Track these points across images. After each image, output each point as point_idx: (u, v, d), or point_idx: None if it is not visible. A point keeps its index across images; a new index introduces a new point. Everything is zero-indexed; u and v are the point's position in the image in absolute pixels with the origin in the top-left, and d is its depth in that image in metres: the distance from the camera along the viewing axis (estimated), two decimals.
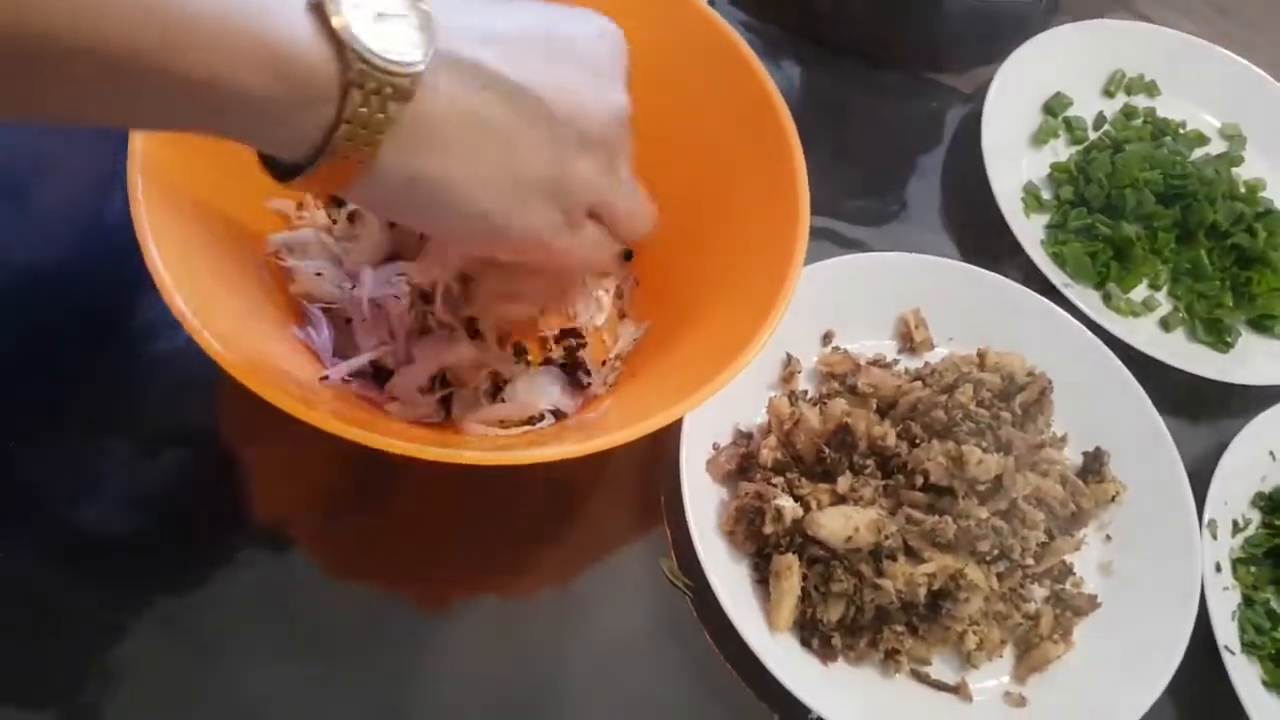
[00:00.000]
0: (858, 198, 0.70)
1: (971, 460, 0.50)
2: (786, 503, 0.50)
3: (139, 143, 0.42)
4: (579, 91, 0.38)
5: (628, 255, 0.45)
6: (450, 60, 0.34)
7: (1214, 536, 0.58)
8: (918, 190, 0.72)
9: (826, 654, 0.50)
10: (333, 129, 0.33)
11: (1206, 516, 0.58)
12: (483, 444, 0.48)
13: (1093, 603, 0.54)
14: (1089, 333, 0.62)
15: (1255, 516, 0.62)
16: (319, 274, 0.49)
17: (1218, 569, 0.58)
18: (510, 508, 0.52)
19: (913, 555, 0.50)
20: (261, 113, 0.32)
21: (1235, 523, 0.60)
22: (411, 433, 0.48)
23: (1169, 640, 0.53)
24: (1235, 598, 0.58)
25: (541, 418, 0.50)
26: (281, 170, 0.36)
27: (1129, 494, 0.58)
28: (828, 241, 0.65)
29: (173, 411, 0.51)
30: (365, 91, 0.32)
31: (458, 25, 0.35)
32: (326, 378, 0.47)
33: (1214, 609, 0.55)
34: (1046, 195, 0.72)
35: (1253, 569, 0.60)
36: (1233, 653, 0.55)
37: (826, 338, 0.61)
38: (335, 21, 0.32)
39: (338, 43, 0.32)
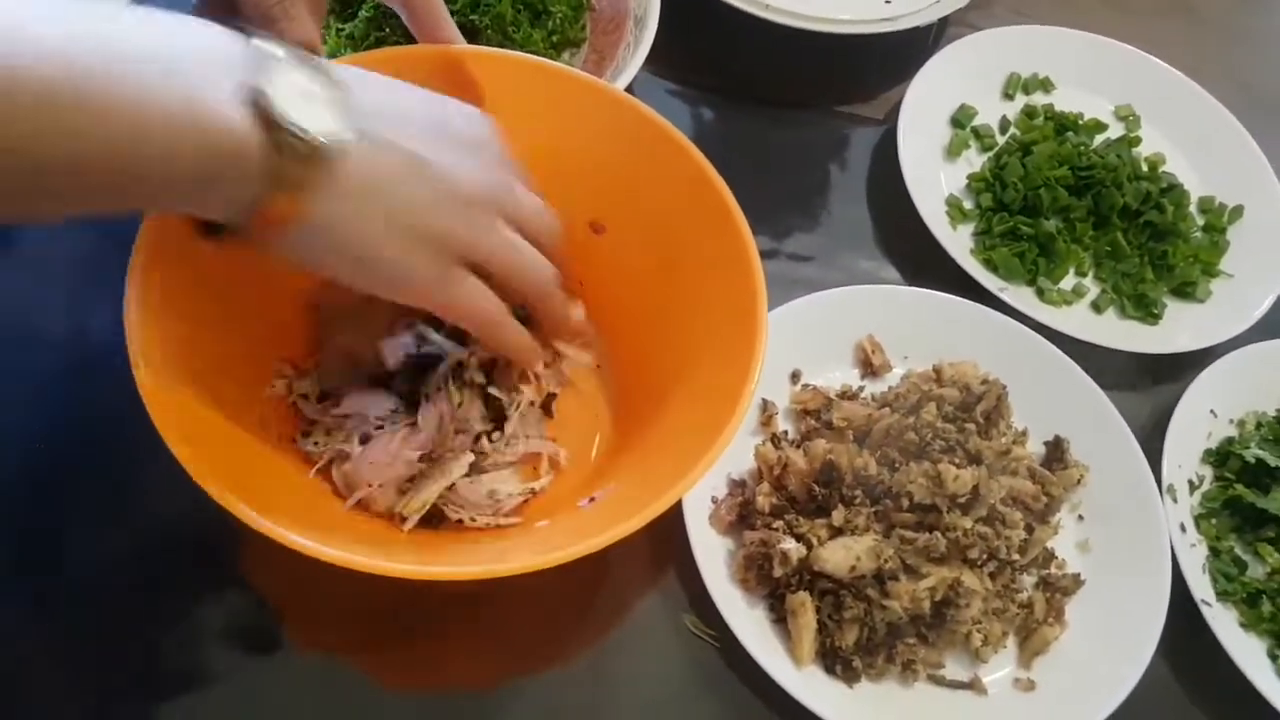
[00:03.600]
0: (795, 236, 0.75)
1: (949, 477, 0.54)
2: (791, 545, 0.54)
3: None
4: (464, 163, 0.45)
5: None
6: (363, 132, 0.41)
7: (1174, 499, 0.63)
8: (849, 218, 0.76)
9: (850, 676, 0.54)
10: (264, 194, 0.39)
11: (1165, 482, 0.63)
12: (486, 545, 0.52)
13: (1077, 581, 0.59)
14: (1028, 330, 0.67)
15: (1207, 472, 0.67)
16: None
17: (1183, 529, 0.63)
18: (535, 593, 0.56)
19: (911, 572, 0.54)
20: (199, 189, 0.38)
21: (1191, 482, 0.66)
22: (424, 545, 0.52)
23: (1150, 603, 0.58)
24: (1203, 552, 0.63)
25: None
26: (214, 229, 0.42)
27: (1091, 474, 0.63)
28: (775, 286, 0.69)
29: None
30: (293, 160, 0.39)
31: (368, 104, 0.42)
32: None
33: (1185, 566, 0.60)
34: (968, 205, 0.77)
35: (1214, 522, 0.65)
36: (1209, 604, 0.60)
37: (795, 376, 0.65)
38: (266, 104, 0.38)
39: (268, 122, 0.38)
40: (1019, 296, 0.71)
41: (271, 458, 0.51)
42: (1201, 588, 0.61)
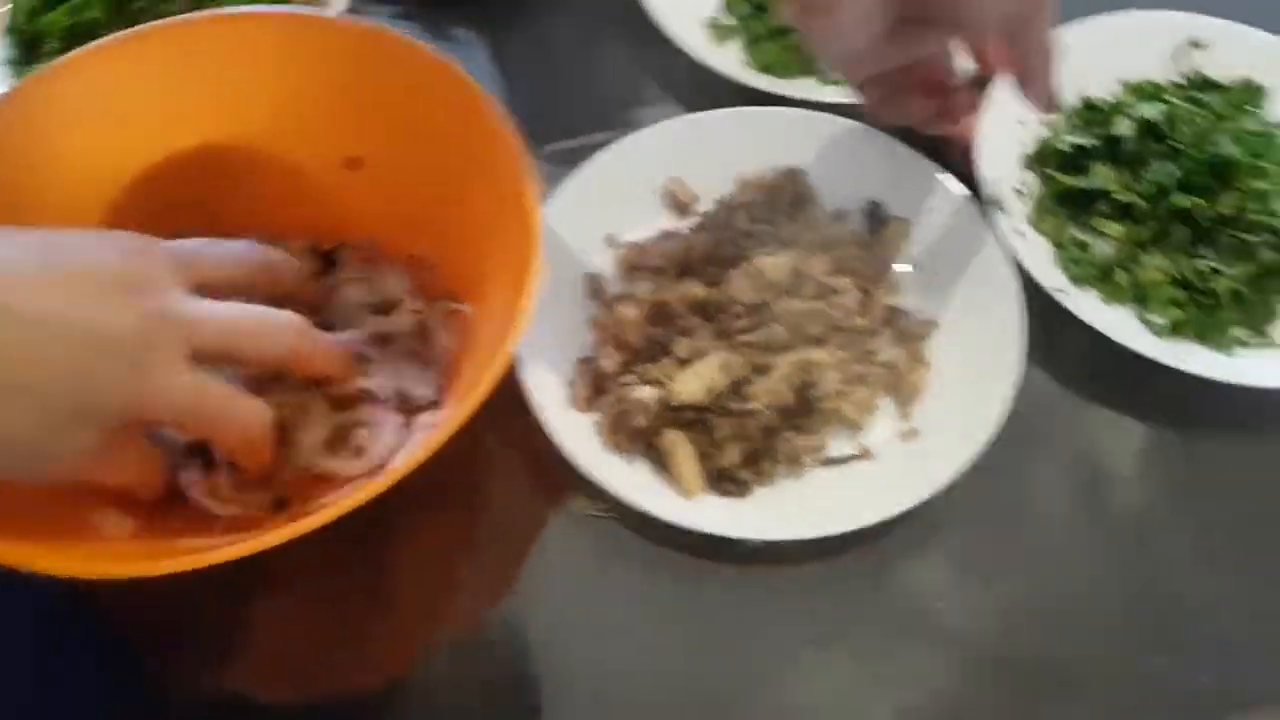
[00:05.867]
0: (579, 119, 0.72)
1: (767, 268, 0.55)
2: (645, 391, 0.54)
3: None
4: (89, 306, 0.39)
5: None
6: None
7: (1003, 210, 0.63)
8: (623, 79, 0.75)
9: (743, 490, 0.54)
10: None
11: (988, 197, 0.63)
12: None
13: (929, 324, 0.60)
14: (822, 114, 0.66)
15: (1030, 177, 0.67)
16: None
17: (1021, 235, 0.62)
18: (419, 549, 0.55)
19: (763, 371, 0.54)
20: None
21: (1018, 190, 0.65)
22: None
23: (1005, 313, 0.58)
24: (1049, 248, 0.63)
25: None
26: None
27: (917, 224, 0.63)
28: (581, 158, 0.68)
29: None
30: None
31: None
32: None
33: (1033, 266, 0.60)
34: (728, 20, 0.76)
35: (1050, 218, 0.65)
36: (1064, 291, 0.60)
37: (610, 240, 0.65)
38: None
39: None
40: (799, 86, 0.70)
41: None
42: (1055, 280, 0.61)
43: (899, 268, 0.63)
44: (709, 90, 0.70)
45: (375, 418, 0.57)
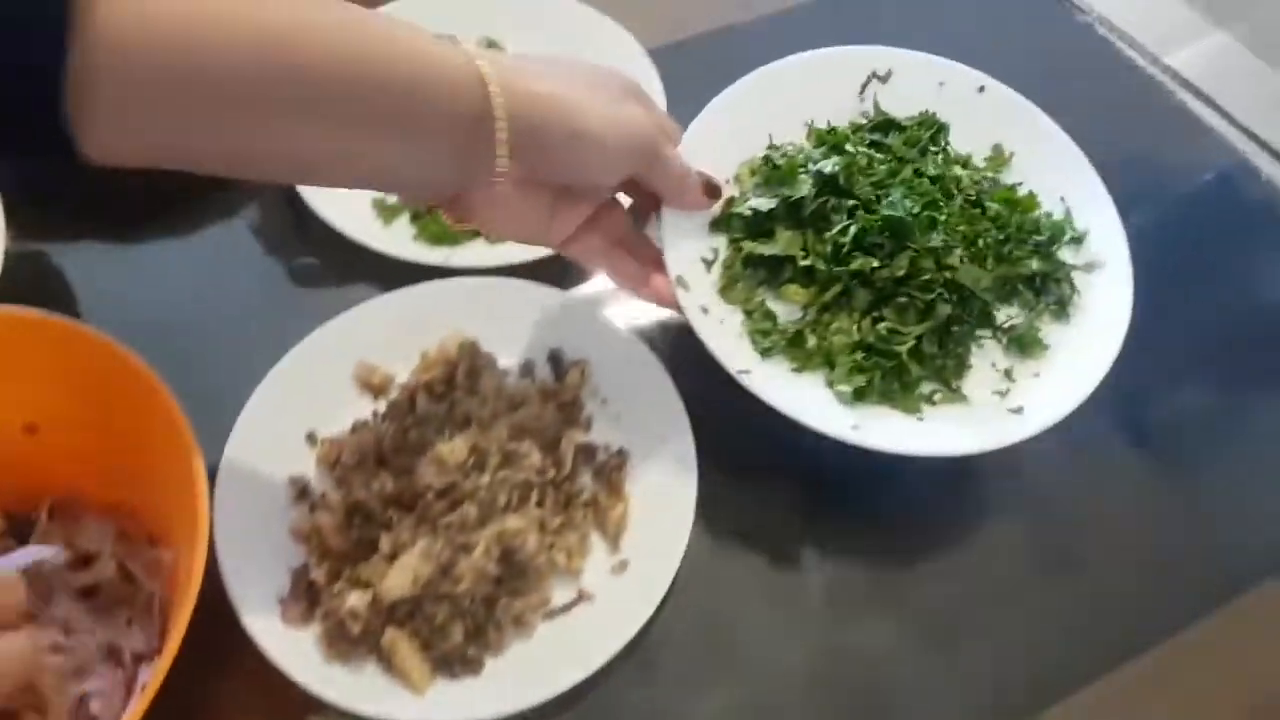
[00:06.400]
0: (242, 324, 0.72)
1: (446, 454, 0.57)
2: (353, 598, 0.55)
3: None
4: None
5: None
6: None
7: (687, 288, 0.61)
8: (279, 275, 0.76)
9: (475, 667, 0.55)
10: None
11: (673, 275, 0.60)
12: None
13: (622, 457, 0.63)
14: (483, 278, 0.69)
15: (720, 243, 0.64)
16: None
17: (705, 311, 0.60)
18: None
19: (466, 550, 0.56)
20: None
21: (705, 260, 0.63)
22: None
23: (680, 440, 0.62)
24: (737, 319, 0.62)
25: None
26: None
27: (592, 360, 0.67)
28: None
29: None
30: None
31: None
32: None
33: (716, 348, 0.58)
34: (390, 199, 0.78)
35: (740, 285, 0.63)
36: (748, 371, 0.58)
37: (310, 437, 0.65)
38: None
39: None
40: (470, 253, 0.73)
41: None
42: (743, 358, 0.60)
43: (595, 406, 0.66)
44: (386, 272, 0.72)
45: (99, 686, 0.56)
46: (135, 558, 0.60)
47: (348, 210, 0.75)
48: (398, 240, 0.74)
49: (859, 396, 0.60)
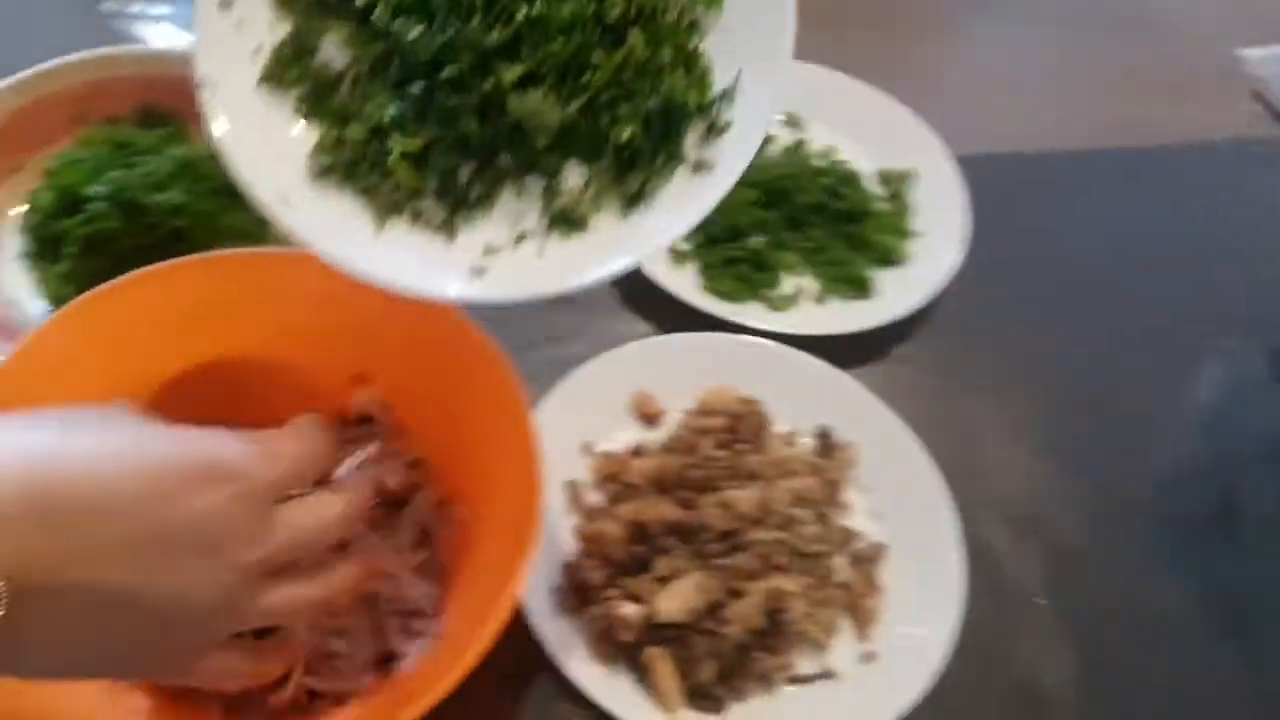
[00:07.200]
0: (547, 322, 0.78)
1: (737, 501, 0.61)
2: (629, 608, 0.59)
3: None
4: (189, 574, 0.39)
5: None
6: (19, 590, 0.35)
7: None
8: (587, 293, 0.81)
9: (717, 706, 0.59)
10: None
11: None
12: None
13: (880, 548, 0.66)
14: (770, 342, 0.74)
15: None
16: None
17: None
18: None
19: (737, 595, 0.60)
20: None
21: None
22: None
23: (945, 542, 0.65)
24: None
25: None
26: None
27: (861, 447, 0.71)
28: (548, 368, 0.72)
29: None
30: None
31: (41, 542, 0.35)
32: None
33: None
34: (685, 246, 0.84)
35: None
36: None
37: (586, 448, 0.70)
38: None
39: None
40: (750, 313, 0.78)
41: None
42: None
43: (853, 492, 0.69)
44: (671, 311, 0.78)
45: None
46: (433, 512, 0.64)
47: None
48: (684, 285, 0.80)
49: None
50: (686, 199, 0.46)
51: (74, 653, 0.39)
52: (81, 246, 0.69)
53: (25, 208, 0.75)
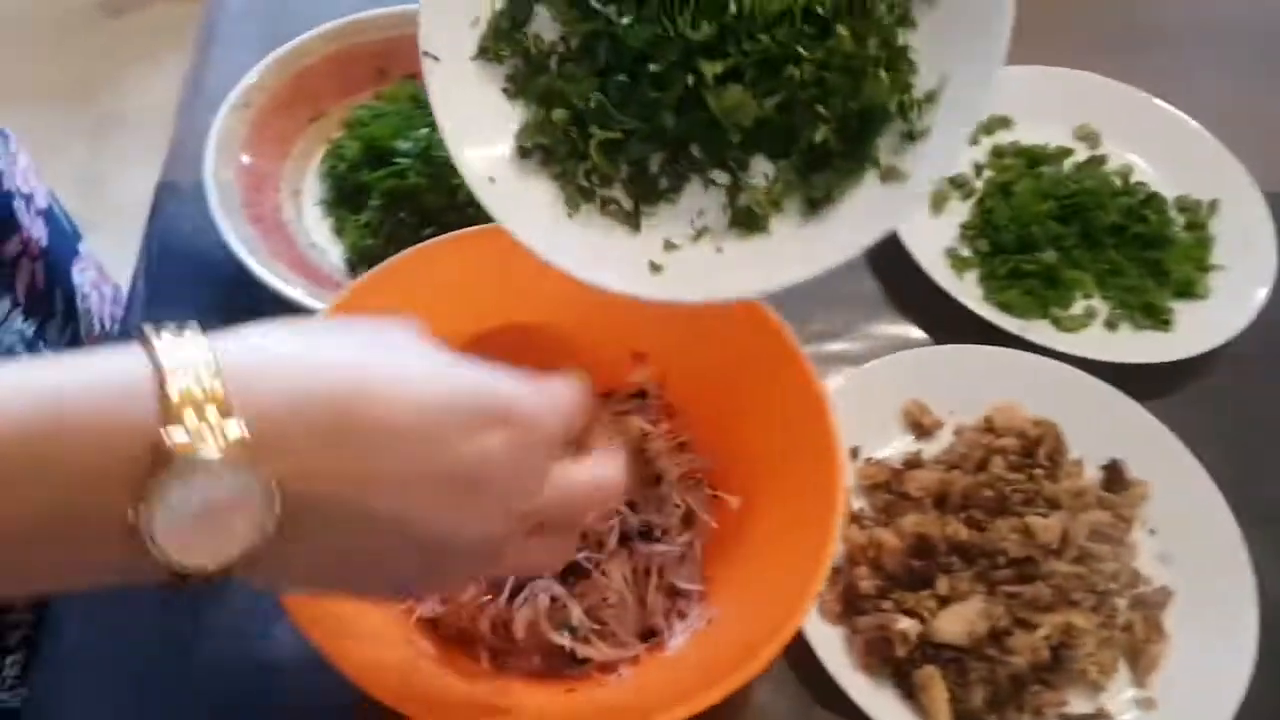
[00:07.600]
0: (816, 317, 0.77)
1: (1038, 529, 0.58)
2: (908, 624, 0.58)
3: None
4: (453, 514, 0.38)
5: None
6: (291, 520, 0.35)
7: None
8: (860, 290, 0.80)
9: None
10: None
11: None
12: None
13: (1167, 594, 0.63)
14: (1055, 362, 0.71)
15: None
16: None
17: None
18: None
19: (1023, 625, 0.58)
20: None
21: None
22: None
23: (1240, 594, 0.61)
24: None
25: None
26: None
27: (1152, 486, 0.66)
28: (819, 365, 0.72)
29: None
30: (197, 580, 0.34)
31: (316, 465, 0.35)
32: None
33: None
34: (966, 253, 0.81)
35: None
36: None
37: (854, 453, 0.69)
38: (147, 535, 0.33)
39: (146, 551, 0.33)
40: (1037, 330, 0.75)
41: None
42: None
43: (1138, 530, 0.66)
44: (946, 317, 0.75)
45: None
46: (691, 493, 0.65)
47: (926, 247, 0.79)
48: (964, 293, 0.77)
49: None
50: (873, 210, 0.44)
51: (331, 573, 0.39)
52: (384, 200, 0.72)
53: (323, 155, 0.78)
